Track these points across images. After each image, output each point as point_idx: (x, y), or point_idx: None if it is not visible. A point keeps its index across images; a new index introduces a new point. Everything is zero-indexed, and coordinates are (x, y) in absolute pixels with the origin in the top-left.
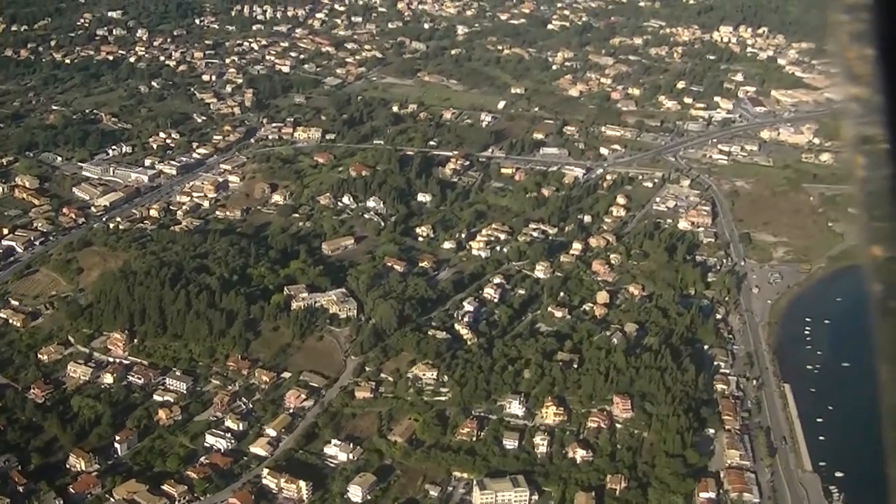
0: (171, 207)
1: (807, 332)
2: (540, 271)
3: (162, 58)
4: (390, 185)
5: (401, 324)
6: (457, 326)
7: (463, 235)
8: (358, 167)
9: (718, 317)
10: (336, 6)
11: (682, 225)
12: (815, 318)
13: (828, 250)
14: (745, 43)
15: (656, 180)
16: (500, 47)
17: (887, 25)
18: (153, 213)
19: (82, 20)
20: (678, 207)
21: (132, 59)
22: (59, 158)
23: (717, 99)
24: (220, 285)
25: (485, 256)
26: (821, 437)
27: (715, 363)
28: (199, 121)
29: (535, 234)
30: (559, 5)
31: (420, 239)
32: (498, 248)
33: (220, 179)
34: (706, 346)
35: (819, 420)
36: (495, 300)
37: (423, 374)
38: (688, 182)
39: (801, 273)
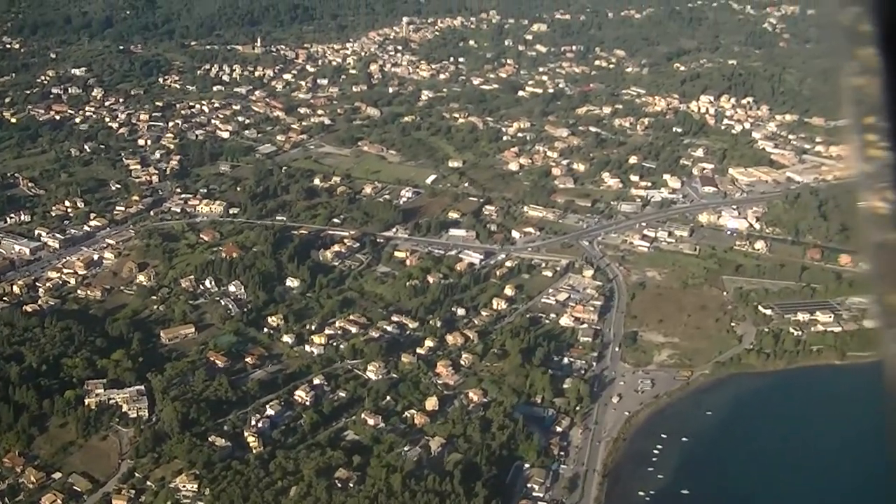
0: (36, 284)
1: (656, 452)
2: (372, 372)
3: (108, 119)
4: (258, 268)
5: (186, 427)
6: (246, 433)
7: (312, 327)
8: (230, 248)
9: (559, 429)
10: (308, 67)
11: (564, 321)
12: (672, 434)
13: (718, 355)
14: (722, 114)
15: (558, 269)
16: (456, 115)
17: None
18: (16, 289)
19: (44, 77)
20: (568, 301)
21: (78, 120)
22: None
23: (665, 177)
24: (24, 375)
25: (317, 353)
26: None
27: (528, 485)
28: (114, 189)
29: (389, 328)
30: (541, 69)
31: (265, 330)
32: (337, 344)
33: (96, 256)
34: (526, 465)
35: None
36: (307, 403)
37: (184, 486)
38: (591, 272)
39: (678, 380)
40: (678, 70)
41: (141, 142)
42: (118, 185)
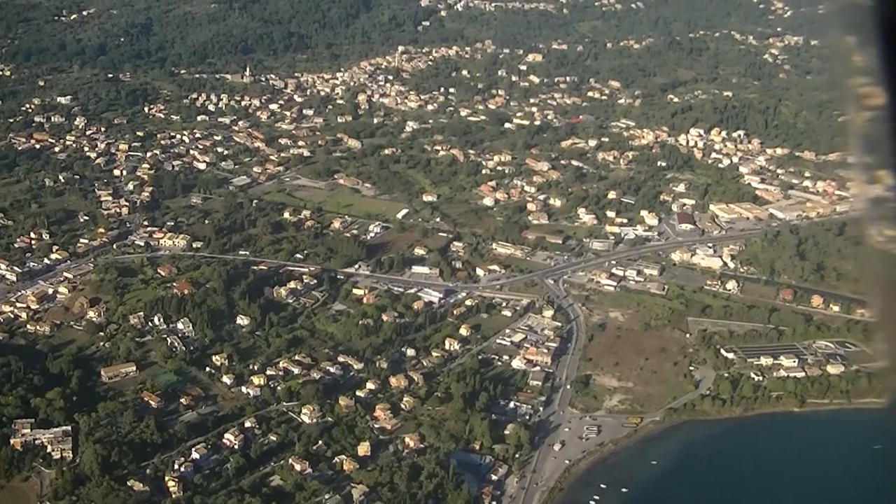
0: None
1: (592, 503)
2: (306, 415)
3: (87, 148)
4: (208, 305)
5: (106, 471)
6: (167, 478)
7: (255, 367)
8: (182, 284)
9: (494, 478)
10: (296, 97)
11: (516, 363)
12: (612, 484)
13: (672, 401)
14: (711, 147)
15: (519, 308)
16: (437, 148)
17: None
18: None
19: (29, 105)
20: (524, 342)
21: (57, 149)
22: None
23: (643, 213)
24: None
25: (253, 395)
26: None
27: None
28: (82, 220)
29: (333, 369)
30: (531, 100)
31: (207, 369)
32: (276, 385)
33: (50, 290)
34: None
35: None
36: (235, 447)
37: None
38: (551, 312)
39: (626, 427)
40: (671, 102)
41: (116, 172)
42: (86, 217)
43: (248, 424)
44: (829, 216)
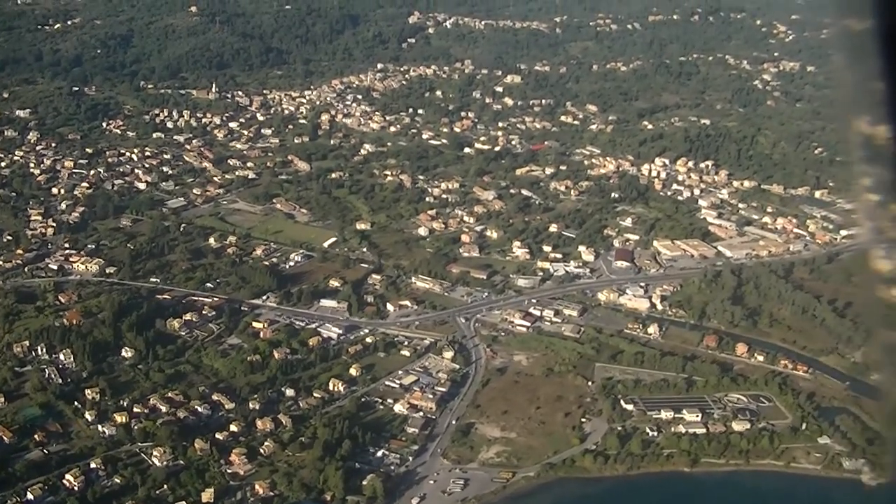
0: None
1: None
2: (157, 457)
3: (32, 165)
4: (94, 336)
5: None
6: None
7: (125, 403)
8: (72, 314)
9: None
10: (258, 115)
11: (399, 408)
12: None
13: (552, 455)
14: (674, 178)
15: (420, 348)
16: (387, 172)
17: None
18: None
19: None
20: (414, 385)
21: (3, 164)
22: None
23: (580, 248)
24: None
25: (108, 433)
26: None
27: None
28: (5, 241)
29: (201, 408)
30: (500, 124)
31: (76, 404)
32: (135, 424)
33: None
34: None
35: None
36: (74, 489)
37: None
38: (451, 354)
39: (497, 482)
40: (644, 129)
41: (55, 190)
42: (10, 237)
43: (92, 465)
44: (780, 255)
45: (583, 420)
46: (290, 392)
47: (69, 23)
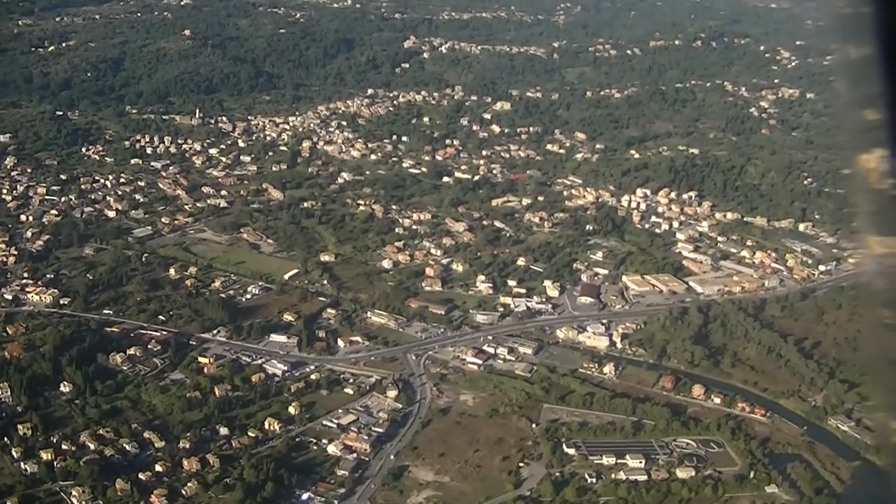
0: None
1: None
2: (76, 497)
3: (5, 191)
4: (34, 370)
5: None
6: None
7: (55, 440)
8: (14, 346)
9: None
10: (240, 141)
11: (332, 449)
12: None
13: (483, 501)
14: (654, 210)
15: (364, 386)
16: (360, 202)
17: None
18: None
19: None
20: (352, 425)
21: None
22: None
23: (546, 283)
24: None
25: (30, 472)
26: None
27: None
28: None
29: (129, 446)
30: (484, 152)
31: (5, 440)
32: (58, 462)
33: None
34: None
35: None
36: None
37: None
38: (395, 393)
39: None
40: (630, 158)
41: (24, 217)
42: None
43: None
44: (754, 291)
45: (521, 464)
46: (223, 431)
47: (63, 45)
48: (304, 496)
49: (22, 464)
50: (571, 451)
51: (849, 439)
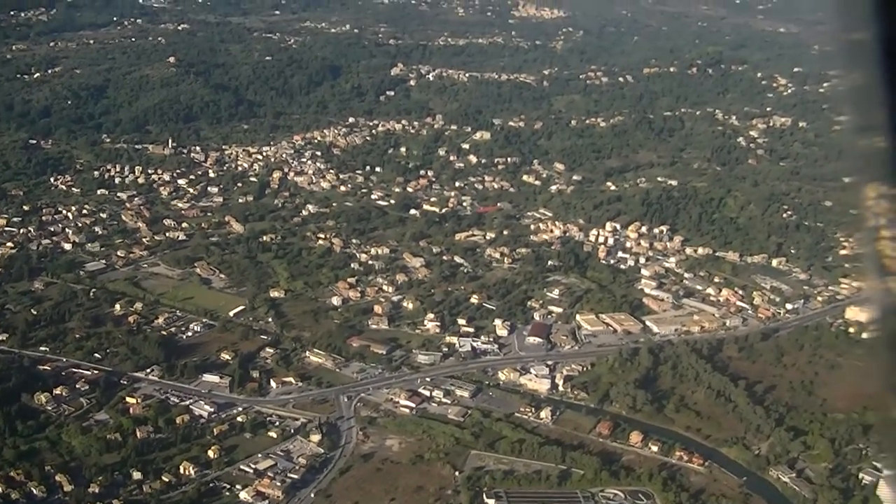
0: None
1: None
2: None
3: None
4: None
5: None
6: None
7: None
8: None
9: None
10: (210, 172)
11: (244, 496)
12: None
13: None
14: (621, 245)
15: (290, 429)
16: (320, 236)
17: None
18: None
19: None
20: (269, 471)
21: None
22: None
23: (496, 322)
24: None
25: None
26: None
27: None
28: None
29: (37, 490)
30: (457, 184)
31: None
32: None
33: None
34: None
35: None
36: None
37: None
38: (318, 437)
39: None
40: (607, 190)
41: None
42: None
43: None
44: (713, 331)
45: None
46: (137, 475)
47: (49, 72)
48: None
49: None
50: (491, 502)
51: (788, 491)
